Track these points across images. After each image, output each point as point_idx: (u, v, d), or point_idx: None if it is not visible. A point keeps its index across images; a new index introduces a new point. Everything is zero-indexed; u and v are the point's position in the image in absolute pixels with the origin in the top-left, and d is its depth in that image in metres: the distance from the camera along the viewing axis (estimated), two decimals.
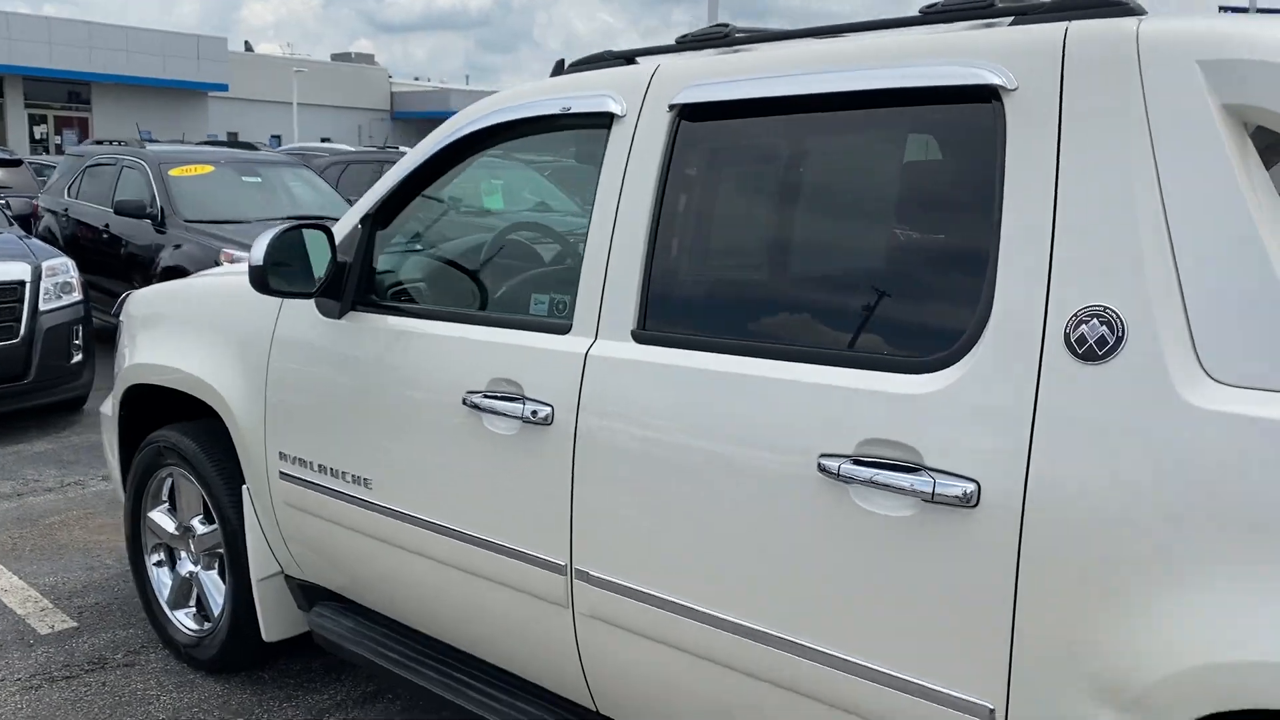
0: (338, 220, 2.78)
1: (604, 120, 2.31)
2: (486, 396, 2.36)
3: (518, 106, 2.50)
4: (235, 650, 3.29)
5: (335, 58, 50.30)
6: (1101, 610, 1.55)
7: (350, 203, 9.23)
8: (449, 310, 2.56)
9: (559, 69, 2.73)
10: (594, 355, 2.19)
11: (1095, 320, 1.58)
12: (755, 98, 2.06)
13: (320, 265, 2.72)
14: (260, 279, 2.61)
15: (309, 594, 3.11)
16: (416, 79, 56.12)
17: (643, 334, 2.14)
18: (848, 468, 1.77)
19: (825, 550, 1.82)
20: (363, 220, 2.79)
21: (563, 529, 2.23)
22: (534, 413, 2.25)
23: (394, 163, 11.83)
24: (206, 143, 11.68)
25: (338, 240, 2.78)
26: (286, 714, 3.17)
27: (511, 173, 7.54)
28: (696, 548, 2.00)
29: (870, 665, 1.78)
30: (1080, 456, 1.56)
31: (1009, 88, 1.72)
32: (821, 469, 1.80)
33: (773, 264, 2.08)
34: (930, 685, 1.71)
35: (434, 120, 46.37)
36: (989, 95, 1.75)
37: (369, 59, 50.64)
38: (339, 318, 2.77)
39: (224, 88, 36.78)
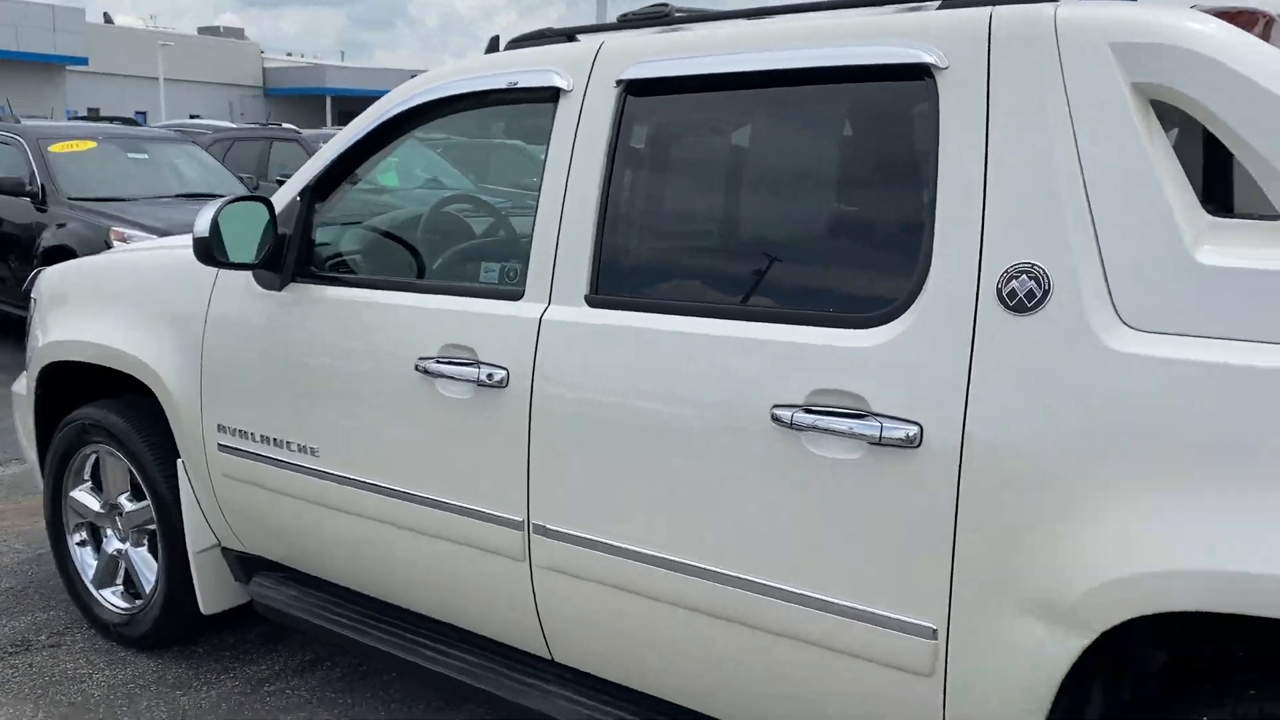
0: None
1: (550, 95, 2.41)
2: (439, 362, 2.44)
3: (462, 81, 2.57)
4: (169, 625, 3.29)
5: (202, 31, 48.46)
6: (1032, 536, 1.73)
7: (241, 180, 9.03)
8: (397, 280, 2.63)
9: (494, 46, 2.81)
10: (548, 319, 2.30)
11: (1024, 276, 1.76)
12: (702, 74, 2.18)
13: (259, 237, 2.74)
14: (205, 250, 2.63)
15: (247, 565, 3.13)
16: (289, 54, 54.49)
17: (596, 299, 2.25)
18: (800, 416, 1.92)
19: (780, 493, 1.97)
20: (301, 193, 2.82)
21: (519, 486, 2.33)
22: (489, 376, 2.35)
23: (281, 140, 11.61)
24: (78, 119, 11.22)
25: (277, 213, 2.80)
26: (225, 685, 3.19)
27: (404, 150, 7.51)
28: (655, 497, 2.13)
29: (823, 597, 1.94)
30: (1012, 398, 1.75)
31: (941, 66, 1.89)
32: (775, 419, 1.95)
33: (723, 230, 2.21)
34: (879, 611, 1.88)
35: (309, 97, 45.18)
36: (923, 74, 1.92)
37: (238, 33, 48.95)
38: (279, 289, 2.79)
39: (83, 61, 35.10)
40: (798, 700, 2.03)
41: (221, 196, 8.31)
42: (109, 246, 6.53)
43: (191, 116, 33.28)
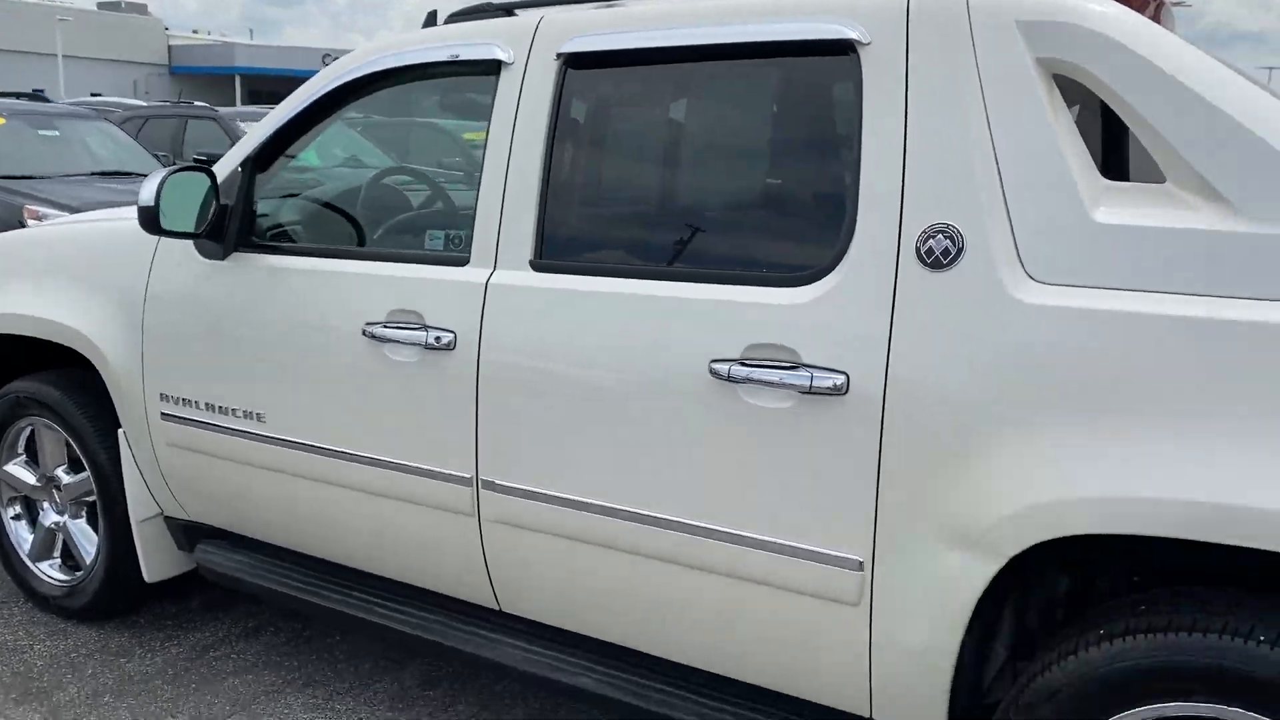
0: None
1: (492, 68, 2.50)
2: (386, 326, 2.52)
3: (402, 54, 2.65)
4: (111, 596, 3.31)
5: (102, 6, 46.80)
6: (948, 473, 1.90)
7: (158, 158, 8.88)
8: (343, 248, 2.70)
9: (432, 20, 2.89)
10: (494, 284, 2.40)
11: (940, 236, 1.92)
12: (638, 48, 2.30)
13: (202, 207, 2.78)
14: (151, 219, 2.66)
15: (190, 533, 3.18)
16: (195, 31, 52.95)
17: (540, 263, 2.36)
18: (736, 369, 2.06)
19: (718, 442, 2.11)
20: (243, 164, 2.87)
21: (468, 443, 2.43)
22: (437, 339, 2.44)
23: (196, 118, 11.39)
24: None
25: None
26: (170, 652, 3.23)
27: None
28: (599, 450, 2.25)
29: (760, 536, 2.09)
30: (930, 347, 1.91)
31: (864, 42, 2.04)
32: (713, 373, 2.09)
33: (661, 197, 2.34)
34: (811, 547, 2.04)
35: (217, 76, 44.00)
36: (847, 49, 2.06)
37: (140, 8, 47.39)
38: (223, 259, 2.84)
39: None
40: (737, 633, 2.18)
41: (138, 175, 8.15)
42: (23, 225, 6.40)
43: (92, 94, 32.21)
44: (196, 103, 12.79)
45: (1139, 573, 2.02)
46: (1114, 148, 2.28)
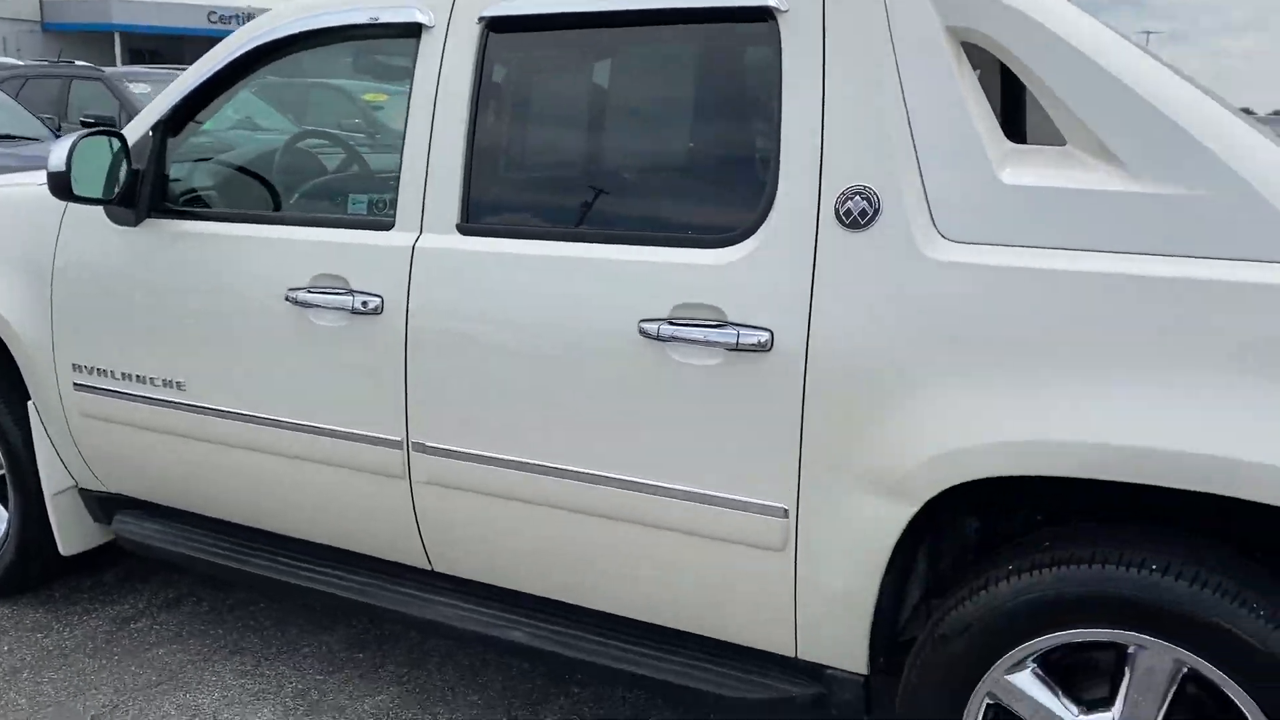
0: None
1: (413, 30, 2.49)
2: (311, 292, 2.52)
3: (322, 16, 2.62)
4: (23, 571, 3.25)
5: None
6: (868, 423, 2.00)
7: (43, 121, 8.50)
8: (263, 213, 2.67)
9: None
10: (421, 248, 2.41)
11: (858, 197, 2.01)
12: (560, 13, 2.32)
13: (112, 173, 2.72)
14: (63, 185, 2.60)
15: (106, 505, 3.13)
16: None
17: (467, 227, 2.38)
18: (665, 329, 2.13)
19: (647, 399, 2.18)
20: (154, 128, 2.81)
21: (398, 408, 2.46)
22: (363, 303, 2.45)
23: (81, 78, 10.90)
24: None
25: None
26: (89, 625, 3.19)
27: None
28: (531, 410, 2.30)
29: (689, 489, 2.17)
30: (849, 304, 2.00)
31: (782, 9, 2.10)
32: (642, 332, 2.15)
33: (587, 160, 2.38)
34: (738, 497, 2.13)
35: (94, 33, 42.00)
36: (766, 16, 2.13)
37: None
38: (135, 225, 2.79)
39: None
40: (667, 582, 2.26)
41: (20, 138, 7.78)
42: None
43: None
44: (78, 62, 12.21)
45: (1044, 512, 2.15)
46: (1013, 111, 2.40)
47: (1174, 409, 1.78)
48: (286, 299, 2.54)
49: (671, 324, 2.13)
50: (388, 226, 2.47)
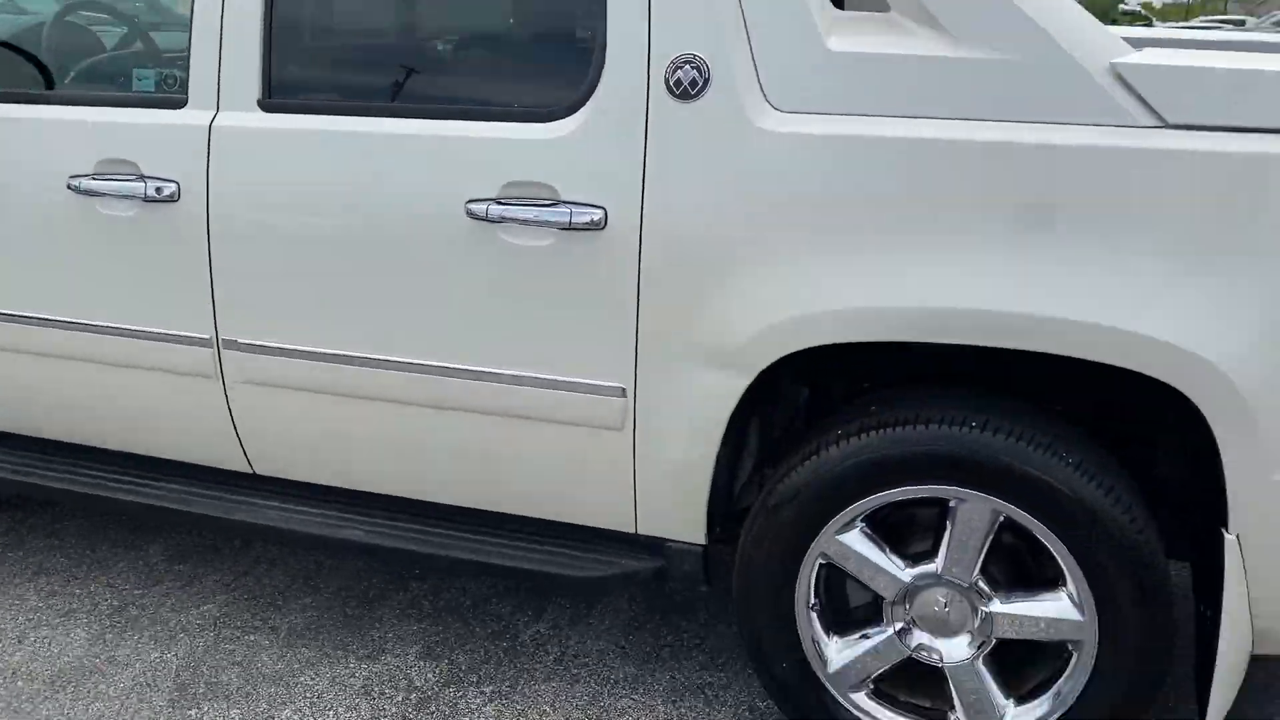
0: None
1: None
2: (95, 179, 2.29)
3: None
4: None
5: None
6: (702, 298, 1.99)
7: None
8: (31, 93, 2.39)
9: None
10: (219, 126, 2.22)
11: (687, 66, 1.96)
12: None
13: None
14: None
15: None
16: None
17: (270, 103, 2.20)
18: (494, 209, 2.04)
19: (478, 283, 2.10)
20: None
21: (204, 303, 2.29)
22: (157, 190, 2.25)
23: None
24: None
25: None
26: None
27: None
28: (350, 300, 2.18)
29: (525, 373, 2.12)
30: (681, 177, 1.97)
31: None
32: (470, 213, 2.06)
33: (405, 30, 2.23)
34: (577, 379, 2.09)
35: None
36: None
37: None
38: None
39: None
40: (506, 470, 2.23)
41: None
42: None
43: None
44: None
45: (869, 379, 2.22)
46: None
47: (992, 272, 1.83)
48: (69, 187, 2.30)
49: (500, 204, 2.05)
50: (179, 104, 2.26)
